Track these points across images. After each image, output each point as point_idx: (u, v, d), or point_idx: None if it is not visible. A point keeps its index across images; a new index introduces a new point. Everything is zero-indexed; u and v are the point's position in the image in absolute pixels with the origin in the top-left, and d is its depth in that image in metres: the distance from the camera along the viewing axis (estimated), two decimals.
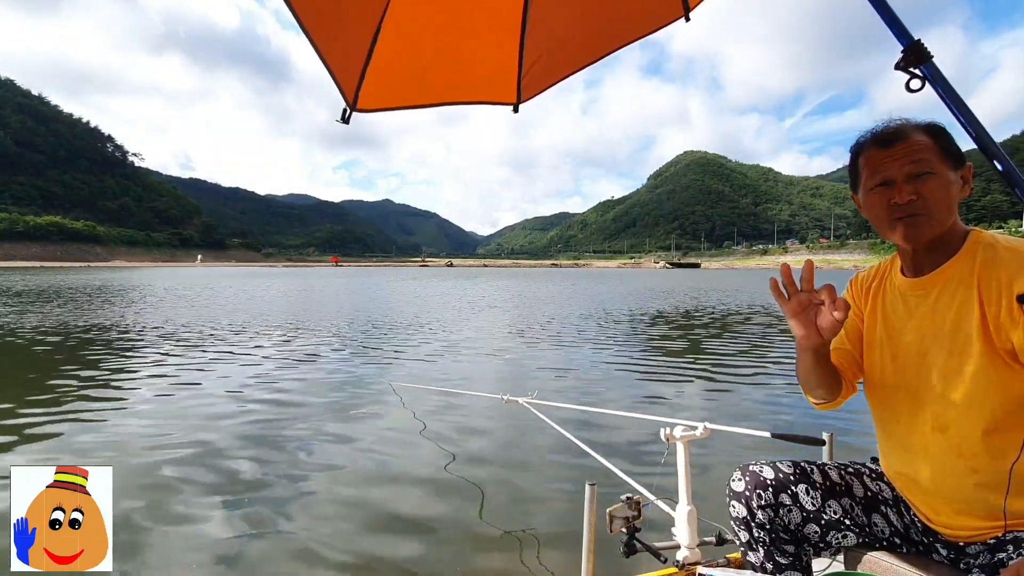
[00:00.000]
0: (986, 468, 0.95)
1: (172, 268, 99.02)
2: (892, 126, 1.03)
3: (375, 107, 1.61)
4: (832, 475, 1.14)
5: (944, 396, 1.00)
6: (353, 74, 1.51)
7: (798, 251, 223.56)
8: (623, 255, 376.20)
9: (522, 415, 3.81)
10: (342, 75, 1.46)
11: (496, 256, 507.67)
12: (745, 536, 1.13)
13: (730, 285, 33.81)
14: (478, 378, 6.41)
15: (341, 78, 1.46)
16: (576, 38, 1.77)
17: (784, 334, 10.48)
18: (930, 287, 1.03)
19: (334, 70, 1.40)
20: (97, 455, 3.60)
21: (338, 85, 1.46)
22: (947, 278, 1.01)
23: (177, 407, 4.81)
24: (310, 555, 2.39)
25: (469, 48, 1.70)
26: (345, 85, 1.49)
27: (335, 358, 7.49)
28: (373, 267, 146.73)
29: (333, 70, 1.40)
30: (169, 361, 7.06)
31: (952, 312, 0.99)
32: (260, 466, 3.43)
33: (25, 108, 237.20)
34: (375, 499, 2.98)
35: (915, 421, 1.05)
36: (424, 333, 10.33)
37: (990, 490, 0.95)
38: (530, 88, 1.82)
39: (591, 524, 1.51)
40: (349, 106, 1.53)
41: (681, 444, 1.56)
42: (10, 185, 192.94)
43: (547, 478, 3.32)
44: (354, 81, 1.52)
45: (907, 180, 0.99)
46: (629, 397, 5.48)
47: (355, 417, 4.56)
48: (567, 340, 9.53)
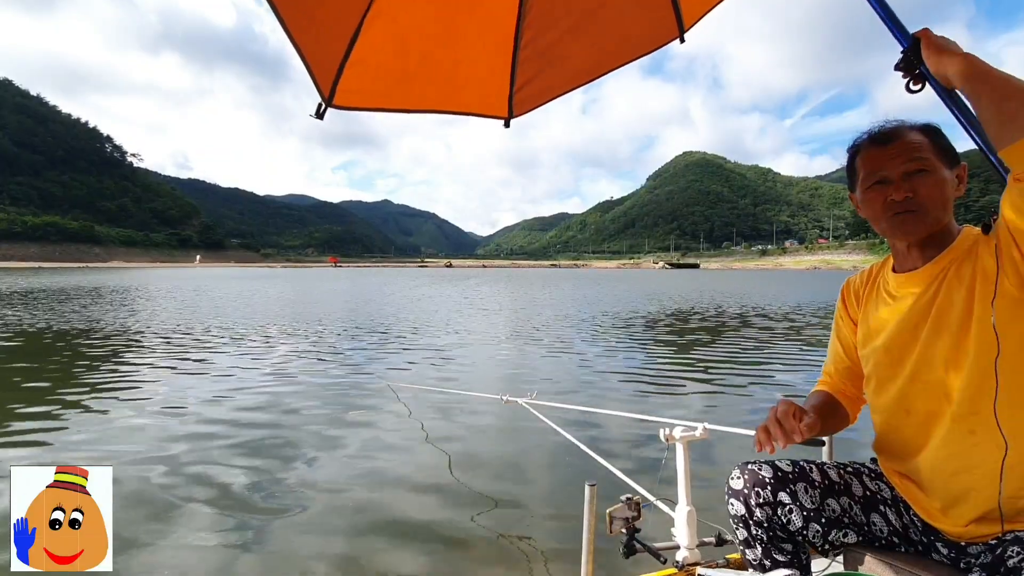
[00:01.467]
0: (985, 456, 0.95)
1: (170, 268, 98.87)
2: (889, 126, 1.06)
3: (353, 105, 1.55)
4: (831, 474, 1.14)
5: (941, 392, 1.00)
6: (330, 67, 1.44)
7: (797, 251, 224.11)
8: (622, 256, 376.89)
9: (521, 415, 3.81)
10: (318, 67, 1.40)
11: (495, 257, 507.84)
12: (743, 534, 1.13)
13: (730, 287, 33.87)
14: (477, 378, 6.41)
15: (317, 70, 1.40)
16: (572, 58, 1.76)
17: (784, 334, 10.49)
18: (923, 280, 1.04)
19: (309, 61, 1.34)
20: (97, 455, 3.60)
21: (313, 78, 1.40)
22: (940, 269, 1.01)
23: (177, 407, 4.81)
24: (309, 555, 2.39)
25: (460, 58, 1.67)
26: (321, 78, 1.43)
27: (334, 359, 7.48)
28: (372, 268, 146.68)
29: (308, 60, 1.34)
30: (169, 361, 7.05)
31: (947, 303, 0.99)
32: (259, 466, 3.43)
33: (24, 108, 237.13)
34: (374, 499, 2.98)
35: (912, 418, 1.05)
36: (424, 333, 10.33)
37: (989, 479, 0.95)
38: (523, 104, 1.80)
39: (591, 524, 1.50)
40: (324, 101, 1.47)
41: (680, 445, 1.56)
42: (8, 185, 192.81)
43: (546, 478, 3.33)
44: (331, 75, 1.45)
45: (903, 177, 1.01)
46: (629, 398, 5.48)
47: (354, 418, 4.56)
48: (567, 340, 9.52)
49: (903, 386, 1.06)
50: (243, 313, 13.97)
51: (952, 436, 0.98)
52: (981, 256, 0.96)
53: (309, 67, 1.37)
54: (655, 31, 1.67)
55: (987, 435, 0.94)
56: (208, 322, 11.71)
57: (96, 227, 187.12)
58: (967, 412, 0.96)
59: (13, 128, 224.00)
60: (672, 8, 1.63)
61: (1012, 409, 0.92)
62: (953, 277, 0.99)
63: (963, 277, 0.97)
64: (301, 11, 1.24)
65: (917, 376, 1.03)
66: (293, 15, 1.21)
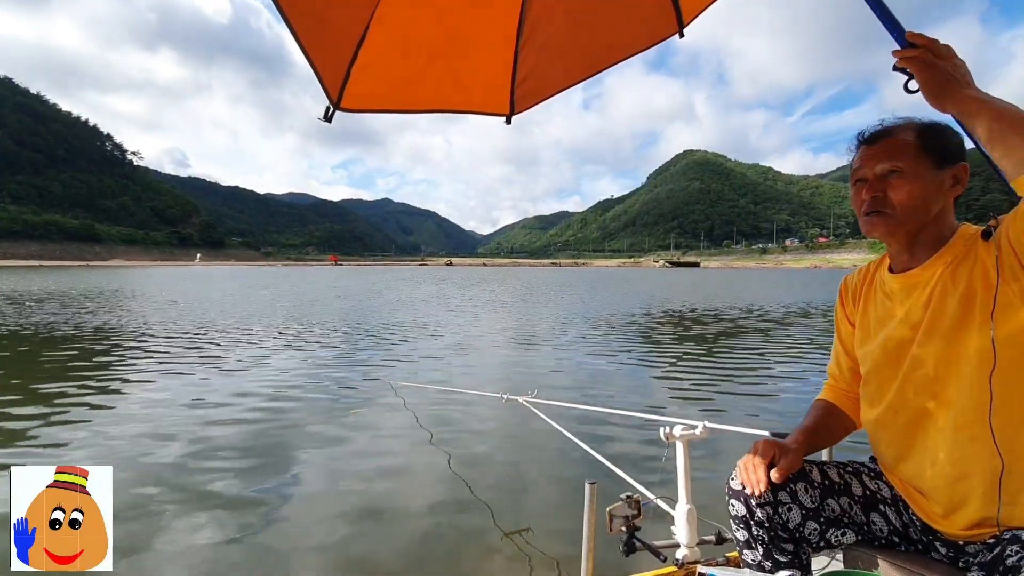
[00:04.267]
0: (983, 464, 0.94)
1: (171, 267, 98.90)
2: (885, 125, 1.05)
3: (361, 107, 1.57)
4: (831, 474, 1.14)
5: (936, 396, 0.99)
6: (338, 71, 1.46)
7: (797, 250, 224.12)
8: (622, 254, 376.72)
9: (522, 414, 3.81)
10: (326, 71, 1.42)
11: (496, 255, 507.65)
12: (744, 535, 1.13)
13: (731, 287, 33.86)
14: (478, 377, 6.41)
15: (325, 75, 1.42)
16: (571, 53, 1.77)
17: (783, 335, 10.49)
18: (918, 281, 1.03)
19: (317, 65, 1.36)
20: (97, 455, 3.60)
21: (321, 82, 1.42)
22: (936, 270, 1.01)
23: (178, 407, 4.81)
24: (310, 554, 2.39)
25: (462, 57, 1.68)
26: (329, 82, 1.45)
27: (334, 358, 7.48)
28: (372, 266, 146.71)
29: (317, 65, 1.36)
30: (170, 361, 7.06)
31: (943, 306, 0.98)
32: (260, 465, 3.43)
33: (24, 107, 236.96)
34: (374, 498, 2.98)
35: (909, 418, 1.05)
36: (424, 332, 10.33)
37: (987, 487, 0.94)
38: (524, 100, 1.82)
39: (591, 523, 1.51)
40: (332, 104, 1.49)
41: (681, 443, 1.56)
42: (8, 184, 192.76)
43: (547, 477, 3.33)
44: (339, 79, 1.47)
45: (877, 178, 1.02)
46: (629, 396, 5.48)
47: (354, 416, 4.56)
48: (567, 340, 9.53)
49: (900, 388, 1.05)
50: (244, 313, 13.97)
51: (951, 443, 0.98)
52: (981, 261, 0.94)
53: (317, 72, 1.38)
54: (655, 26, 1.67)
55: (985, 445, 0.93)
56: (209, 322, 11.71)
57: (96, 225, 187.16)
58: (967, 421, 0.95)
59: (13, 126, 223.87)
60: (671, 2, 1.63)
61: (1007, 422, 0.92)
62: (949, 279, 0.98)
63: (959, 280, 0.96)
64: (310, 17, 1.25)
65: (913, 379, 1.03)
66: (302, 21, 1.22)
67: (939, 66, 0.89)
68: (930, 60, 0.90)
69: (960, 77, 0.88)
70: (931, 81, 0.90)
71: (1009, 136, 0.81)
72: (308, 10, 1.24)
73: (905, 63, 0.93)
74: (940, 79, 0.89)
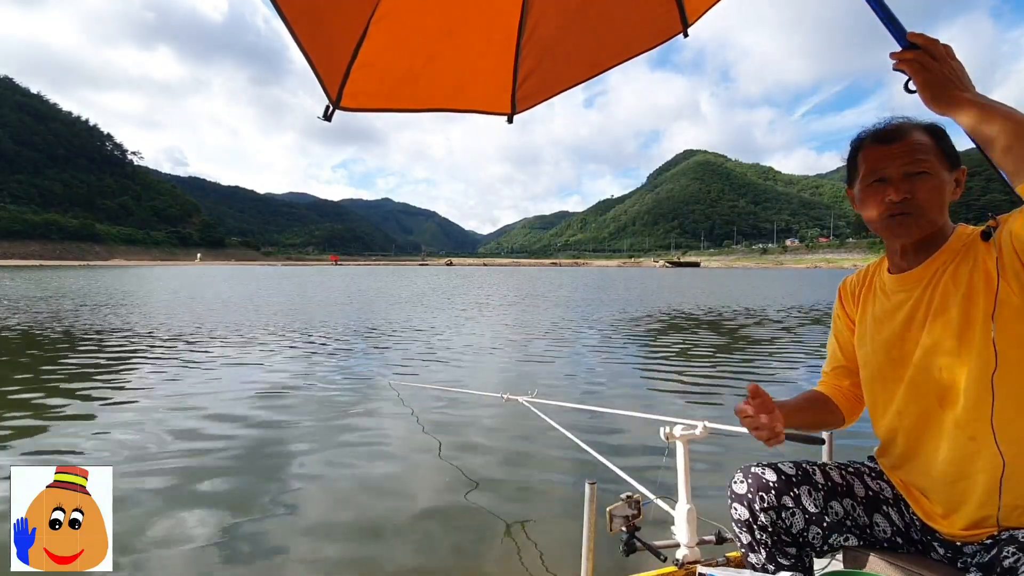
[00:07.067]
0: (984, 464, 0.94)
1: (171, 267, 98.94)
2: (894, 124, 1.04)
3: (361, 107, 1.56)
4: (833, 476, 1.13)
5: (938, 396, 1.00)
6: (338, 70, 1.45)
7: (797, 250, 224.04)
8: (623, 254, 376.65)
9: (522, 414, 3.81)
10: (325, 71, 1.41)
11: (496, 255, 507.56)
12: (747, 538, 1.13)
13: (730, 289, 33.83)
14: (478, 377, 6.41)
15: (324, 74, 1.41)
16: (573, 53, 1.76)
17: (783, 335, 10.49)
18: (918, 280, 1.04)
19: (317, 65, 1.35)
20: (97, 455, 3.60)
21: (320, 81, 1.41)
22: (935, 270, 1.01)
23: (178, 407, 4.81)
24: (310, 554, 2.39)
25: (463, 56, 1.67)
26: (328, 81, 1.44)
27: (334, 357, 7.48)
28: (372, 266, 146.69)
29: (316, 65, 1.35)
30: (170, 361, 7.06)
31: (942, 306, 0.98)
32: (260, 465, 3.43)
33: (24, 106, 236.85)
34: (373, 497, 2.98)
35: (914, 419, 1.05)
36: (424, 332, 10.33)
37: (988, 487, 0.94)
38: (525, 100, 1.81)
39: (591, 523, 1.51)
40: (332, 103, 1.48)
41: (681, 443, 1.56)
42: (9, 183, 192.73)
43: (547, 477, 3.33)
44: (338, 78, 1.46)
45: (903, 178, 1.00)
46: (629, 396, 5.48)
47: (354, 416, 4.56)
48: (567, 340, 9.53)
49: (904, 391, 1.06)
50: (244, 312, 13.97)
51: (953, 443, 0.98)
52: (981, 261, 0.94)
53: (316, 71, 1.37)
54: (659, 26, 1.66)
55: (987, 444, 0.94)
56: (209, 322, 11.71)
57: (97, 225, 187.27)
58: (968, 420, 0.95)
59: (14, 126, 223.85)
60: (675, 1, 1.62)
61: (1008, 422, 0.92)
62: (949, 279, 0.98)
63: (959, 280, 0.96)
64: (309, 16, 1.24)
65: (914, 379, 1.03)
66: (301, 20, 1.21)
67: (935, 68, 0.89)
68: (926, 62, 0.89)
69: (957, 79, 0.88)
70: (927, 83, 0.90)
71: (1016, 145, 0.80)
72: (307, 10, 1.23)
73: (902, 65, 0.93)
74: (936, 81, 0.89)
